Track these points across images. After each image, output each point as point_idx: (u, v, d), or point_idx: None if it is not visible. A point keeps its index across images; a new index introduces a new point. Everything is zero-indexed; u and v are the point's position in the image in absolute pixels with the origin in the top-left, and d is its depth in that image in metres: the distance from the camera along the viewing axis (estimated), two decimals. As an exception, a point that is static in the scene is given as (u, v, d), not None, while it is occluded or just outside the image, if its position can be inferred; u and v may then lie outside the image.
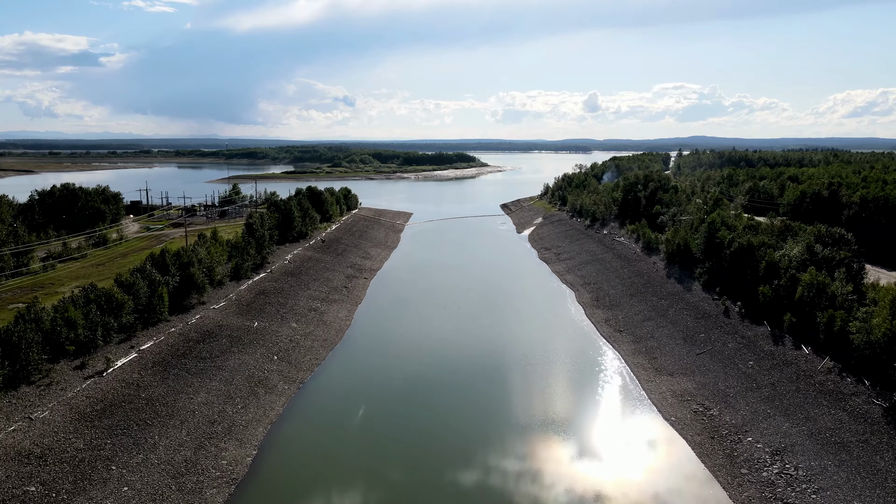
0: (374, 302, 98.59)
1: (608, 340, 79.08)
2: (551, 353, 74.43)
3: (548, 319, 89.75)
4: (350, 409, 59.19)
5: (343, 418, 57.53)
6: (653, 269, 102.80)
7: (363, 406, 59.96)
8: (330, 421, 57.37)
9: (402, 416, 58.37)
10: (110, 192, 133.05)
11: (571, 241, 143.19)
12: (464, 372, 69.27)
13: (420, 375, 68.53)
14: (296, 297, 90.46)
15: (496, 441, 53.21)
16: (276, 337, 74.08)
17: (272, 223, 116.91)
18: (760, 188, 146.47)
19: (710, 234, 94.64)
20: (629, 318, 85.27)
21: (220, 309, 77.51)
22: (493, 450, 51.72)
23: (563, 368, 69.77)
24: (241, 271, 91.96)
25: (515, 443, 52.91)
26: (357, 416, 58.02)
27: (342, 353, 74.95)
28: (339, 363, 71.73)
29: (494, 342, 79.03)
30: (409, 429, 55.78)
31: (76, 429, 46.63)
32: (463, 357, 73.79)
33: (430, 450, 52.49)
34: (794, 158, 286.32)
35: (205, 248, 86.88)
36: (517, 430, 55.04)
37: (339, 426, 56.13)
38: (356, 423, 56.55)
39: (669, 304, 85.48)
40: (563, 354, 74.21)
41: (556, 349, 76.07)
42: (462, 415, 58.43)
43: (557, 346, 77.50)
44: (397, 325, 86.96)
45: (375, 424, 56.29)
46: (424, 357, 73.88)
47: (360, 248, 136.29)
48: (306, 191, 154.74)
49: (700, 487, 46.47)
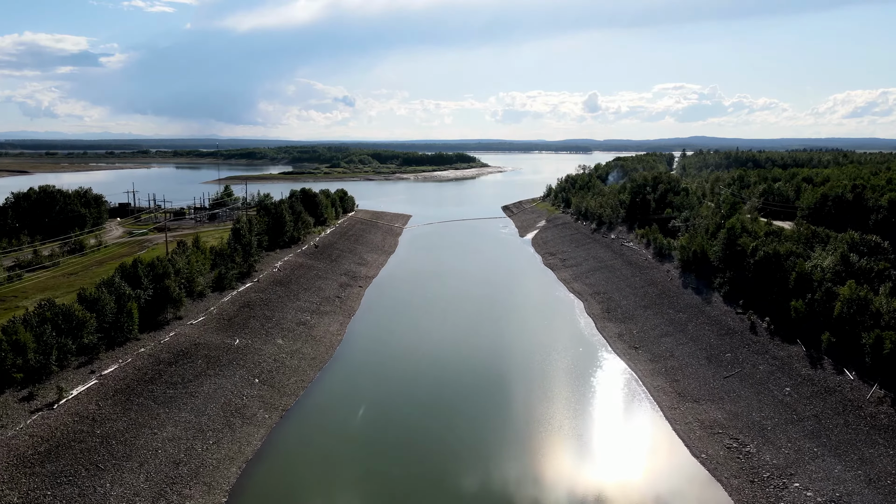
0: (369, 313, 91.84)
1: (623, 358, 72.29)
2: (561, 373, 67.64)
3: (555, 333, 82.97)
4: (338, 444, 52.41)
5: (329, 454, 50.76)
6: (667, 278, 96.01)
7: (353, 439, 53.20)
8: (313, 457, 50.60)
9: (398, 448, 51.54)
10: (92, 194, 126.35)
11: (577, 246, 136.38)
12: (466, 396, 62.45)
13: (417, 398, 61.79)
14: (283, 309, 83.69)
15: (502, 481, 46.45)
16: (258, 356, 67.29)
17: (261, 228, 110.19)
18: (775, 190, 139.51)
19: (729, 240, 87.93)
20: (645, 332, 78.48)
21: (199, 325, 70.72)
22: (499, 492, 44.96)
23: (574, 392, 62.97)
24: (225, 281, 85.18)
25: (525, 484, 46.13)
26: (345, 451, 51.25)
27: (332, 373, 68.18)
28: (328, 386, 64.97)
29: (499, 360, 72.25)
30: (408, 466, 48.95)
31: (12, 477, 39.81)
32: (465, 377, 66.99)
33: (433, 495, 45.72)
34: (803, 159, 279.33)
35: (184, 256, 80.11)
36: (526, 466, 48.28)
37: (324, 462, 49.37)
38: (344, 460, 49.77)
39: (688, 317, 78.69)
40: (574, 374, 67.42)
41: (567, 368, 69.28)
42: (465, 448, 51.63)
43: (567, 364, 70.72)
44: (392, 341, 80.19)
45: (367, 461, 49.50)
46: (422, 377, 67.11)
47: (355, 253, 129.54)
48: (300, 193, 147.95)
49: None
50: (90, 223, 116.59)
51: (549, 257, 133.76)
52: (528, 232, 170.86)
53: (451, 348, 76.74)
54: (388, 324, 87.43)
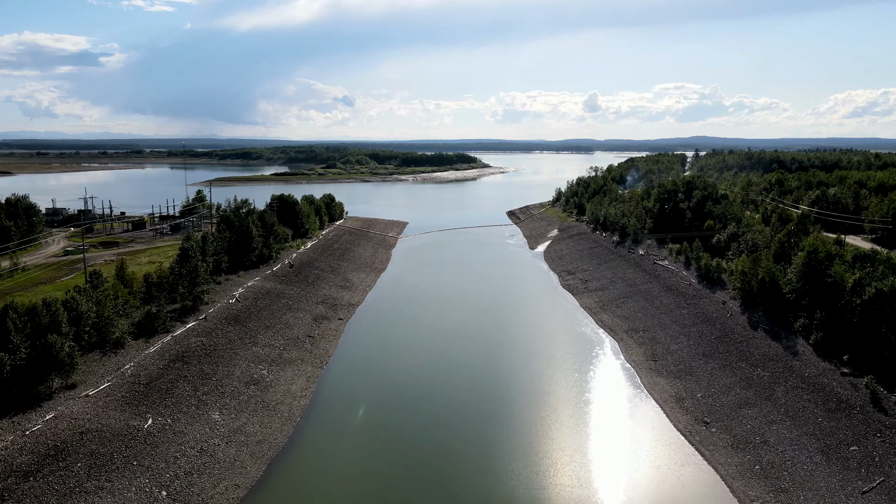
0: (347, 359, 71.94)
1: (689, 438, 52.30)
2: (606, 466, 47.68)
3: (587, 391, 62.88)
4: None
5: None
6: (724, 313, 76.06)
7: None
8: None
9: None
10: (25, 202, 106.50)
11: (600, 263, 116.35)
12: None
13: (410, 492, 41.97)
14: (232, 360, 63.71)
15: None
16: (177, 445, 47.24)
17: (220, 246, 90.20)
18: (830, 197, 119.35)
19: (811, 267, 68.06)
20: (714, 398, 58.40)
21: (98, 396, 50.65)
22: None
23: (628, 498, 43.04)
24: (157, 322, 65.24)
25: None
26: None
27: (285, 470, 48.14)
28: (279, 487, 44.99)
29: (513, 440, 52.26)
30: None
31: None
32: (470, 477, 47.04)
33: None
34: (830, 160, 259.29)
35: (95, 293, 60.05)
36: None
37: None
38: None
39: (772, 377, 58.62)
40: (630, 478, 47.41)
41: (612, 452, 49.32)
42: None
43: (612, 444, 50.75)
44: (375, 404, 60.05)
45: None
46: (414, 466, 47.17)
47: (338, 272, 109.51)
48: (276, 201, 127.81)
49: None
50: (17, 238, 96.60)
51: (567, 276, 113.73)
52: (539, 243, 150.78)
53: (449, 417, 56.78)
54: (370, 376, 67.39)
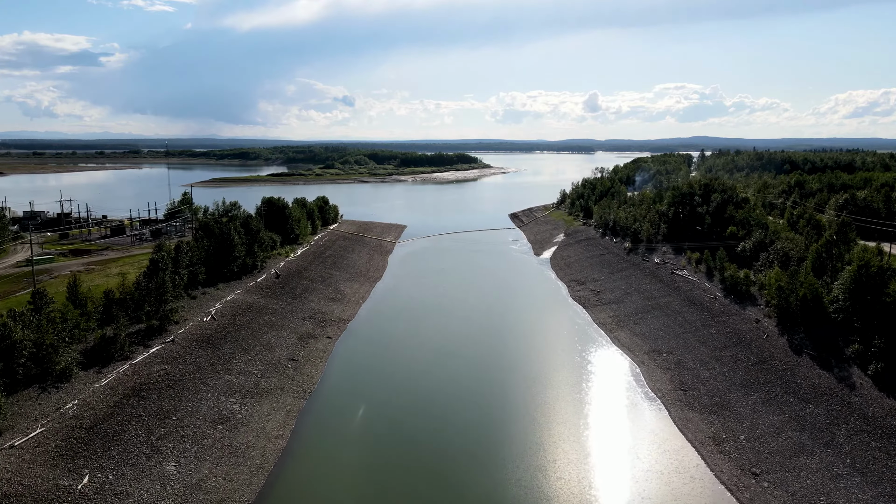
0: (334, 387, 63.49)
1: (738, 497, 43.73)
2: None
3: (611, 431, 54.37)
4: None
5: None
6: (758, 333, 67.59)
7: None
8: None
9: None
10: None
11: (612, 272, 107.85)
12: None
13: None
14: (198, 392, 55.24)
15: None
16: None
17: (197, 256, 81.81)
18: (860, 202, 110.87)
19: (860, 284, 59.68)
20: (759, 440, 49.88)
21: (26, 447, 42.15)
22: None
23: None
24: (115, 348, 56.81)
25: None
26: None
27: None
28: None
29: (522, 489, 43.78)
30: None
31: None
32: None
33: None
34: (844, 161, 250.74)
35: (37, 316, 51.56)
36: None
37: None
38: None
39: (827, 416, 50.15)
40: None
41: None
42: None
43: (647, 500, 42.35)
44: (364, 439, 51.53)
45: None
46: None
47: (329, 283, 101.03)
48: (265, 205, 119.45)
49: None
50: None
51: (576, 287, 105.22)
52: (545, 249, 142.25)
53: (451, 461, 48.33)
54: (359, 408, 58.84)
